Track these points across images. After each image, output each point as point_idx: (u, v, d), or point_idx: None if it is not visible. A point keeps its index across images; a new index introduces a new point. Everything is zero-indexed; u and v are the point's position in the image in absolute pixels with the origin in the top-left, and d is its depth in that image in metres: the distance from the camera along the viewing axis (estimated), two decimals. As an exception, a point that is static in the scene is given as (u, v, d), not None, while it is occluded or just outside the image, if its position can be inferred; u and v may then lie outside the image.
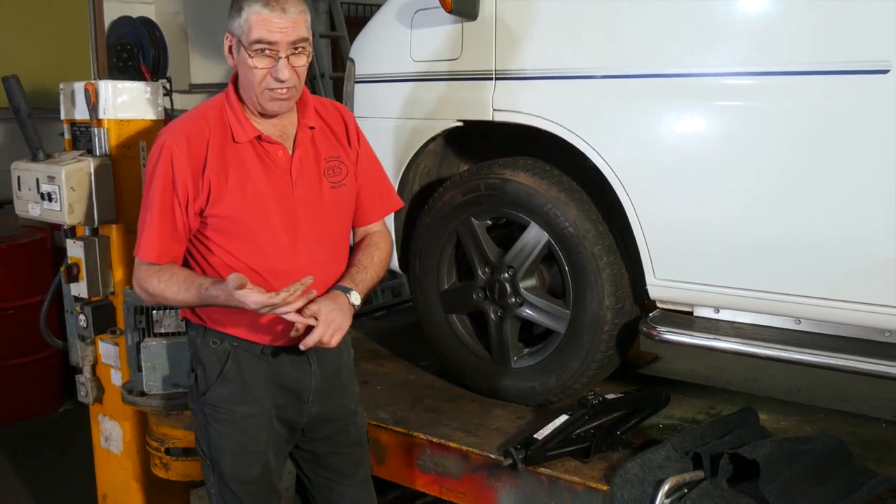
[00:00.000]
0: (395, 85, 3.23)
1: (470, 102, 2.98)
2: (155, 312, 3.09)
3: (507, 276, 3.00)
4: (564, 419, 2.64)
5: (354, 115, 3.35)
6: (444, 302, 3.23)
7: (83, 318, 3.39)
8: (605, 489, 2.47)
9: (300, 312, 2.14)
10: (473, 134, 3.15)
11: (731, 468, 2.37)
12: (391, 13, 3.26)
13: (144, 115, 3.39)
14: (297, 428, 2.42)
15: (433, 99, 3.09)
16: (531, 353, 3.07)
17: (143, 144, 3.31)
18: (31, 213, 3.39)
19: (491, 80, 2.92)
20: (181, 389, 3.00)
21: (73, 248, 3.37)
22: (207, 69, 6.61)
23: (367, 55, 3.40)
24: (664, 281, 2.70)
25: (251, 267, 2.19)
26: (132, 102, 3.36)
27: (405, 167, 3.21)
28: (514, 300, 3.00)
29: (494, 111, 2.92)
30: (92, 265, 3.35)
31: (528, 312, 3.01)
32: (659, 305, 2.82)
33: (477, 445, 2.76)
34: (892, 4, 2.22)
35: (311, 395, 2.37)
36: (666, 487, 2.34)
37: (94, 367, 3.57)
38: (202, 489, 3.24)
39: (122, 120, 3.35)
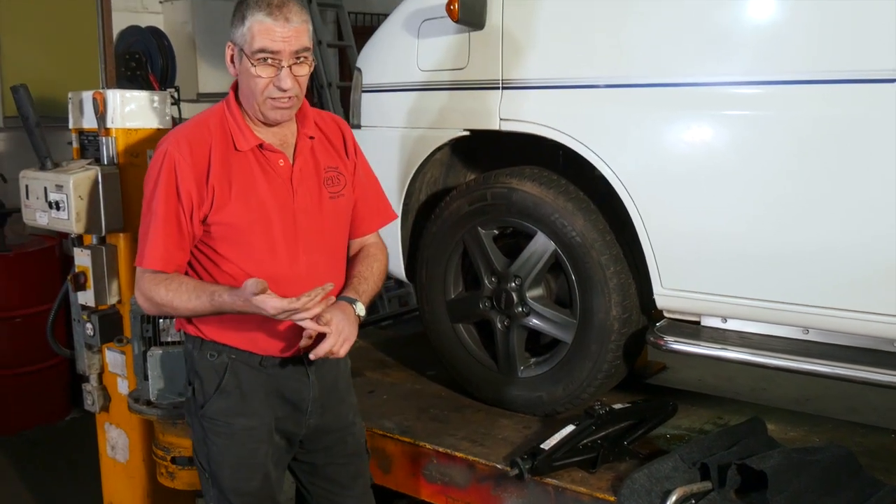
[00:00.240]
0: (402, 94, 3.23)
1: (476, 112, 2.98)
2: (161, 321, 3.09)
3: (513, 285, 3.00)
4: (571, 429, 2.63)
5: (361, 124, 3.37)
6: (450, 311, 3.23)
7: (90, 326, 3.40)
8: (611, 500, 2.46)
9: (315, 320, 2.14)
10: (480, 143, 3.15)
11: (738, 479, 2.36)
12: (398, 23, 3.26)
13: (152, 124, 3.40)
14: (295, 440, 2.41)
15: (440, 108, 3.09)
16: (538, 362, 3.07)
17: (150, 153, 3.31)
18: (38, 221, 3.39)
19: (497, 89, 2.92)
20: (187, 398, 3.00)
21: (80, 256, 3.38)
22: (215, 78, 6.64)
23: (374, 64, 3.41)
24: (671, 290, 2.69)
25: (250, 274, 2.18)
26: (140, 111, 3.37)
27: (412, 176, 3.20)
28: (520, 310, 3.00)
29: (501, 120, 2.92)
30: (99, 274, 3.36)
31: (534, 322, 3.00)
32: (666, 315, 2.81)
33: (483, 455, 2.76)
34: (899, 13, 2.22)
35: (309, 406, 2.36)
36: (673, 498, 2.33)
37: (100, 375, 3.57)
38: (207, 498, 3.23)
39: (129, 129, 3.36)
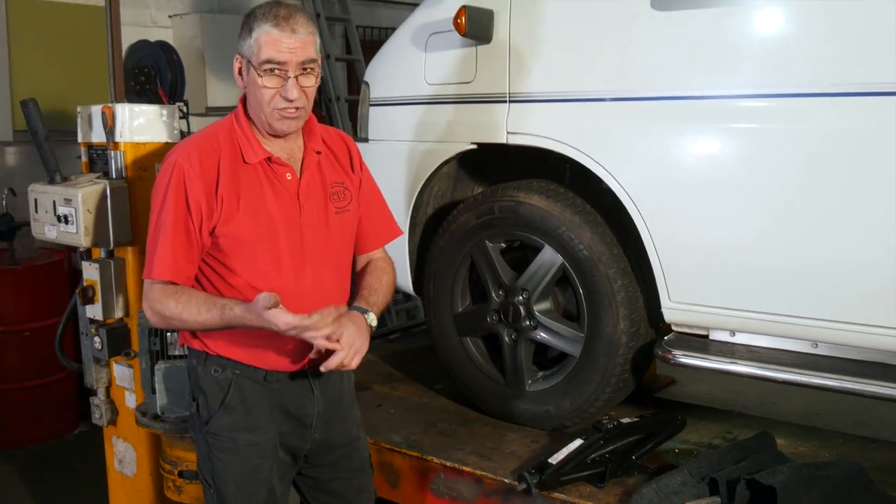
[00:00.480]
0: (409, 108, 3.24)
1: (484, 125, 2.99)
2: (169, 335, 3.09)
3: (521, 298, 2.99)
4: (579, 443, 2.62)
5: (369, 138, 3.38)
6: (458, 325, 3.22)
7: (98, 340, 3.40)
8: (620, 515, 2.45)
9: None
10: (487, 157, 3.15)
11: (747, 494, 2.34)
12: (406, 37, 3.27)
13: (160, 137, 3.41)
14: (300, 455, 2.40)
15: (447, 122, 3.10)
16: (546, 376, 3.06)
17: (158, 167, 3.33)
18: (47, 235, 3.40)
19: (505, 102, 2.92)
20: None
21: (88, 270, 3.39)
22: (224, 92, 6.67)
23: (381, 78, 3.42)
24: (679, 304, 2.68)
25: (256, 288, 2.18)
26: (148, 125, 3.38)
27: (419, 190, 3.21)
28: (528, 323, 2.99)
29: (508, 134, 2.92)
30: (107, 287, 3.36)
31: (542, 335, 2.99)
32: (674, 328, 2.81)
33: (491, 470, 2.75)
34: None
35: (314, 421, 2.35)
36: (682, 513, 2.32)
37: (108, 389, 3.57)
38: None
39: (138, 143, 3.37)
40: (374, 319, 2.28)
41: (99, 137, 3.38)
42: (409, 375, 3.74)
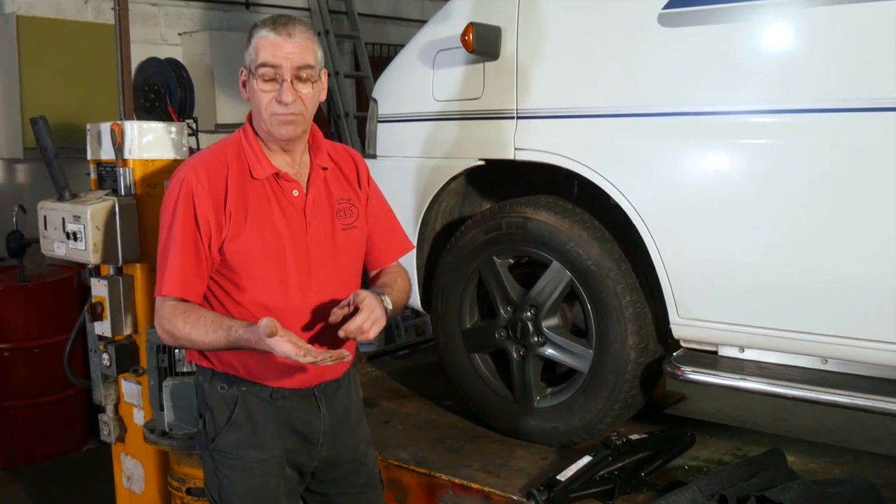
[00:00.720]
0: (417, 124, 3.25)
1: (491, 141, 2.99)
2: (177, 352, 3.10)
3: (529, 314, 2.99)
4: (588, 460, 2.61)
5: (377, 154, 3.39)
6: (466, 341, 3.22)
7: (106, 356, 3.41)
8: (629, 532, 2.44)
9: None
10: (495, 173, 3.15)
11: (758, 511, 2.33)
12: (413, 53, 3.29)
13: (169, 154, 3.43)
14: (307, 471, 2.40)
15: (455, 138, 3.10)
16: (554, 392, 3.05)
17: (167, 184, 3.34)
18: (56, 252, 3.42)
19: (512, 118, 2.93)
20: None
21: (97, 287, 3.40)
22: (233, 109, 6.69)
23: (389, 95, 3.43)
24: (688, 320, 2.67)
25: (261, 304, 2.18)
26: (157, 142, 3.40)
27: (427, 206, 3.21)
28: (536, 339, 2.98)
29: (516, 150, 2.92)
30: (116, 304, 3.38)
31: (550, 352, 2.99)
32: (683, 344, 2.79)
33: (499, 486, 2.74)
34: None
35: (320, 438, 2.35)
36: (692, 531, 2.31)
37: (116, 406, 3.58)
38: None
39: (147, 160, 3.39)
40: (389, 303, 2.24)
41: (108, 154, 3.40)
42: (417, 392, 3.74)
